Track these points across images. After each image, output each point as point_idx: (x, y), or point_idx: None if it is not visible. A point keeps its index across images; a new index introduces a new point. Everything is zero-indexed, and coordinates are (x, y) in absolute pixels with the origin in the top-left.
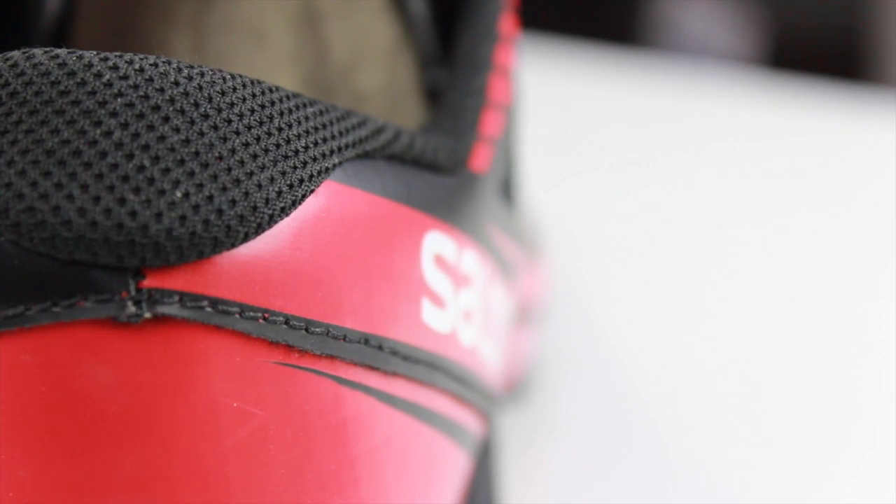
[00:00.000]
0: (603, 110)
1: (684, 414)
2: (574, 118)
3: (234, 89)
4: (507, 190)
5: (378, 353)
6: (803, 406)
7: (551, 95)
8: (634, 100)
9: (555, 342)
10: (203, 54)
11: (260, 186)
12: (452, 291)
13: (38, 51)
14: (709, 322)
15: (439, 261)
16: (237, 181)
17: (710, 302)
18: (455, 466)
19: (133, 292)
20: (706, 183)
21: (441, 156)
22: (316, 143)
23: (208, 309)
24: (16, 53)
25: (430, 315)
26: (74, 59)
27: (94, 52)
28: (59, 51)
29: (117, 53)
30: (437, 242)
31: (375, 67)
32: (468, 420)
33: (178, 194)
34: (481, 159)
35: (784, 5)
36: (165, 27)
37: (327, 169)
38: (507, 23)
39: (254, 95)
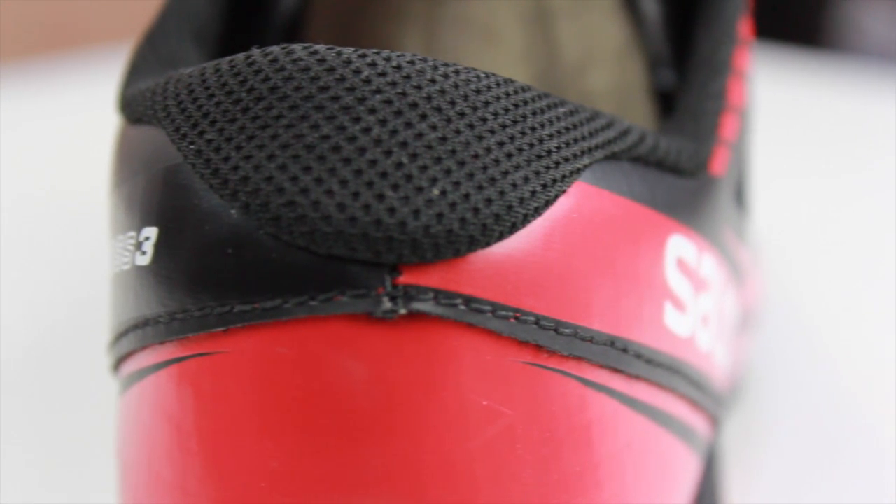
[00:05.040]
0: (787, 112)
1: None
2: (760, 120)
3: (489, 88)
4: (739, 194)
5: (623, 355)
6: None
7: None
8: (819, 101)
9: (767, 346)
10: (434, 51)
11: (515, 185)
12: (692, 295)
13: (297, 46)
14: None
15: (681, 264)
16: (493, 180)
17: None
18: (688, 471)
19: (389, 288)
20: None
21: (683, 158)
22: (568, 144)
23: (462, 307)
24: (275, 49)
25: (672, 319)
26: (333, 55)
27: (353, 49)
28: (317, 46)
29: (374, 50)
30: (679, 246)
31: (605, 67)
32: (700, 424)
33: (436, 192)
34: (720, 163)
35: None
36: (397, 24)
37: (578, 170)
38: (745, 25)
39: (507, 94)
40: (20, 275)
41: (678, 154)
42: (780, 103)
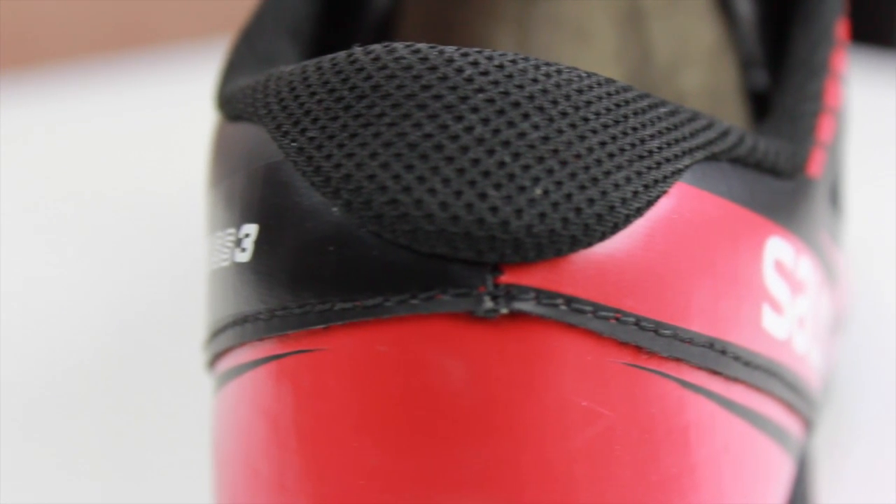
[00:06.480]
0: (866, 113)
1: None
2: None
3: (591, 87)
4: (833, 196)
5: (721, 357)
6: None
7: None
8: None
9: (854, 348)
10: (527, 51)
11: (617, 186)
12: (790, 298)
13: (399, 45)
14: None
15: (779, 266)
16: (595, 180)
17: None
18: (783, 474)
19: (490, 287)
20: None
21: (781, 160)
22: (669, 144)
23: (563, 307)
24: (377, 47)
25: (770, 321)
26: (435, 53)
27: (455, 48)
28: (419, 45)
29: (476, 49)
30: (777, 248)
31: (698, 68)
32: (794, 427)
33: (538, 191)
34: (816, 165)
35: None
36: (490, 23)
37: (679, 170)
38: (842, 26)
39: (609, 94)
40: (103, 274)
41: (777, 155)
42: (860, 105)
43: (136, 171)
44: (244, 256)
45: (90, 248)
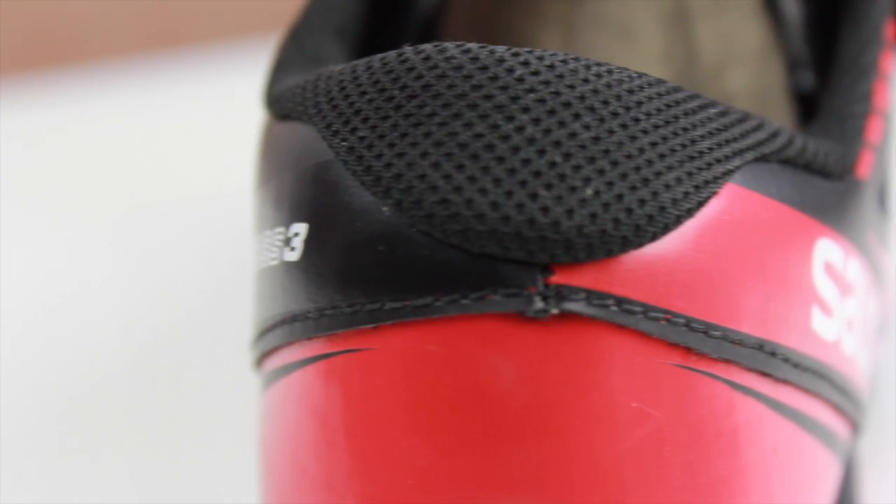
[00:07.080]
0: None
1: None
2: None
3: (641, 88)
4: (881, 197)
5: (770, 359)
6: None
7: None
8: None
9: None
10: (573, 50)
11: (668, 187)
12: (839, 300)
13: (449, 44)
14: None
15: (828, 268)
16: (646, 180)
17: None
18: (831, 478)
19: (541, 288)
20: None
21: (831, 161)
22: (720, 145)
23: (613, 308)
24: (427, 47)
25: (819, 323)
26: (486, 53)
27: (505, 48)
28: (470, 45)
29: (527, 49)
30: (827, 249)
31: (744, 68)
32: (842, 430)
33: (589, 192)
34: (865, 166)
35: None
36: (535, 23)
37: (730, 171)
38: (890, 28)
39: (659, 95)
40: (143, 276)
41: (826, 157)
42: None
43: (178, 170)
44: (293, 255)
45: (131, 248)
